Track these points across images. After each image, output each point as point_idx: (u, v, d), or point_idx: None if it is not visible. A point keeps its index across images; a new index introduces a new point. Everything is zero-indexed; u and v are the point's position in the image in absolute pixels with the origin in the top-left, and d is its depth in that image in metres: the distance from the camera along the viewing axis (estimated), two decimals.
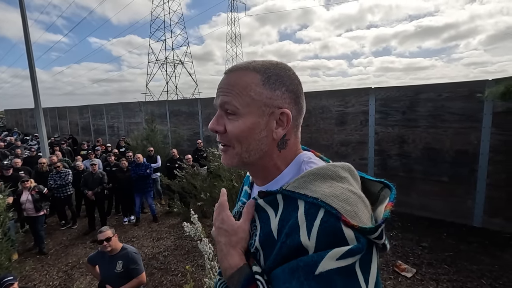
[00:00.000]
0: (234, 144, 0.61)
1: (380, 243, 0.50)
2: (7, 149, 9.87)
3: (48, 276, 4.04)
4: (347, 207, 0.49)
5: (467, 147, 4.41)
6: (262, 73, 0.60)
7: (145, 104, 11.02)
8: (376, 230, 0.48)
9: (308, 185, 0.54)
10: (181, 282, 3.69)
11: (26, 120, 23.40)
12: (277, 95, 0.60)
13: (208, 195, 4.76)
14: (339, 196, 0.50)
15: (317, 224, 0.48)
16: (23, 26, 7.55)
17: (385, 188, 0.60)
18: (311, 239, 0.47)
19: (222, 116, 0.62)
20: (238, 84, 0.60)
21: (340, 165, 0.58)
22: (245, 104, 0.59)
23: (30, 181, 4.78)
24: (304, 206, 0.51)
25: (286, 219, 0.53)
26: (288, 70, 0.63)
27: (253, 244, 0.58)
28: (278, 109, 0.60)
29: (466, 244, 4.04)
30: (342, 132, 5.67)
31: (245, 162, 0.62)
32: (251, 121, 0.59)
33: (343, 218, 0.47)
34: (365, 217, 0.49)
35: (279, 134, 0.60)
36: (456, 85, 4.53)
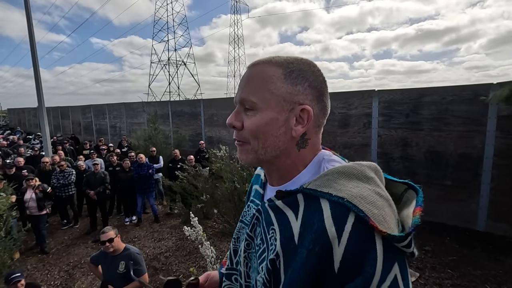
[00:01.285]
0: (250, 140, 0.58)
1: (408, 252, 0.45)
2: (9, 148, 9.92)
3: (49, 276, 4.04)
4: (375, 210, 0.45)
5: (471, 151, 4.38)
6: (285, 67, 0.57)
7: (148, 105, 11.04)
8: (406, 238, 0.43)
9: (332, 184, 0.50)
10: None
11: (29, 119, 23.52)
12: (298, 90, 0.56)
13: (209, 196, 4.75)
14: (366, 198, 0.47)
15: (348, 229, 0.44)
16: (28, 27, 7.59)
17: (409, 189, 0.56)
18: (341, 246, 0.44)
19: (240, 112, 0.60)
20: (258, 78, 0.57)
21: (367, 164, 0.54)
22: (263, 99, 0.56)
23: (35, 180, 4.79)
24: (330, 208, 0.48)
25: (309, 221, 0.50)
26: (313, 66, 0.60)
27: (274, 249, 0.54)
28: (299, 105, 0.56)
29: (469, 248, 4.01)
30: (345, 134, 5.66)
31: (260, 159, 0.59)
32: (270, 117, 0.56)
33: (370, 223, 0.43)
34: (392, 222, 0.46)
35: (298, 131, 0.57)
36: (460, 88, 4.51)
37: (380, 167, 0.58)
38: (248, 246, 0.65)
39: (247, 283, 0.65)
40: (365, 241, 0.43)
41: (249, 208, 0.70)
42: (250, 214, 0.68)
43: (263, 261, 0.57)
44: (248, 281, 0.65)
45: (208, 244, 2.27)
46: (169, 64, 43.56)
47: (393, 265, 0.43)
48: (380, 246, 0.43)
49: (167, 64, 43.57)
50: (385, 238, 0.43)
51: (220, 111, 8.12)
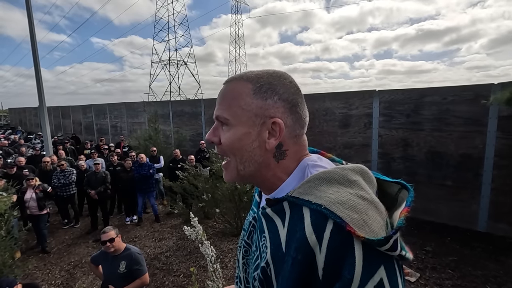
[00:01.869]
0: (230, 155, 0.60)
1: (395, 255, 0.44)
2: (11, 148, 9.94)
3: (50, 275, 4.05)
4: (354, 215, 0.45)
5: (472, 151, 4.38)
6: (254, 82, 0.58)
7: (148, 104, 11.06)
8: (387, 241, 0.43)
9: (313, 191, 0.51)
10: (183, 283, 3.68)
11: (29, 119, 23.55)
12: (268, 104, 0.57)
13: (210, 196, 4.76)
14: (346, 203, 0.47)
15: (327, 236, 0.45)
16: (29, 27, 7.61)
17: (402, 189, 0.56)
18: (321, 253, 0.45)
19: (218, 127, 0.62)
20: (230, 95, 0.59)
21: (350, 168, 0.55)
22: (235, 115, 0.58)
23: (35, 179, 4.80)
24: (310, 216, 0.49)
25: (293, 229, 0.51)
26: (284, 78, 0.60)
27: (265, 257, 0.55)
28: (270, 119, 0.57)
29: (470, 249, 4.01)
30: (345, 134, 5.65)
31: (241, 175, 0.60)
32: (242, 132, 0.58)
33: (347, 228, 0.44)
34: (377, 225, 0.45)
35: (272, 144, 0.57)
36: (461, 88, 4.51)
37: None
38: (246, 253, 0.67)
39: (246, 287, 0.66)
40: (343, 247, 0.44)
41: (249, 216, 0.72)
42: (248, 222, 0.69)
43: (257, 269, 0.58)
44: (247, 286, 0.66)
45: (208, 243, 2.27)
46: (169, 64, 43.58)
47: (378, 269, 0.43)
48: (359, 251, 0.43)
49: (167, 64, 43.59)
50: (365, 243, 0.43)
51: None
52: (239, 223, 4.70)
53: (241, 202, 4.55)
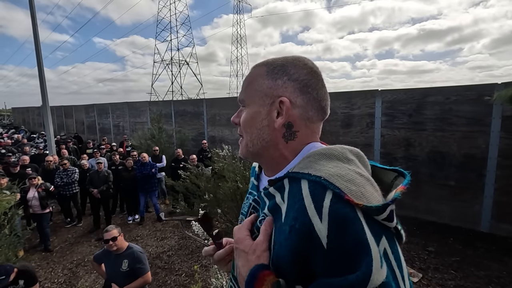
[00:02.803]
0: (243, 133, 0.65)
1: (392, 226, 0.46)
2: (14, 147, 10.00)
3: (53, 273, 4.07)
4: (352, 187, 0.46)
5: (475, 151, 4.35)
6: (269, 65, 0.62)
7: (151, 104, 11.08)
8: (384, 209, 0.44)
9: (313, 165, 0.53)
10: (185, 282, 3.69)
11: (33, 118, 23.67)
12: (277, 84, 0.60)
13: (212, 195, 4.75)
14: (344, 176, 0.48)
15: (327, 205, 0.45)
16: (32, 27, 7.64)
17: (399, 177, 0.57)
18: (323, 221, 0.44)
19: (241, 110, 0.67)
20: (248, 79, 0.65)
21: (349, 148, 0.57)
22: (249, 96, 0.63)
23: (38, 178, 4.83)
24: (308, 186, 0.49)
25: (292, 201, 0.51)
26: (299, 61, 0.62)
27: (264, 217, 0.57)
28: (278, 98, 0.59)
29: (473, 249, 3.99)
30: (347, 134, 5.64)
31: (250, 152, 0.64)
32: (253, 110, 0.62)
33: (346, 197, 0.44)
34: (374, 199, 0.46)
35: (278, 123, 0.60)
36: (464, 88, 4.48)
37: None
38: None
39: None
40: (347, 214, 0.44)
41: (247, 200, 0.73)
42: (247, 205, 0.70)
43: None
44: None
45: None
46: (172, 63, 43.66)
47: (381, 238, 0.44)
48: (362, 218, 0.44)
49: (170, 63, 43.66)
50: (364, 212, 0.44)
51: (222, 111, 8.13)
52: None
53: (243, 201, 4.54)
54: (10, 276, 2.68)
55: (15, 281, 2.78)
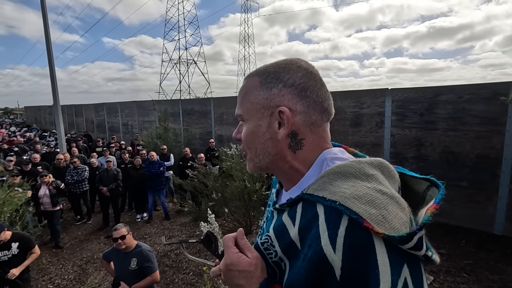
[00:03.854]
0: (247, 150, 0.61)
1: (420, 255, 0.41)
2: (26, 145, 10.22)
3: (63, 270, 4.13)
4: (372, 210, 0.42)
5: (489, 151, 4.23)
6: (261, 74, 0.59)
7: (159, 103, 11.17)
8: (410, 239, 0.39)
9: (327, 186, 0.48)
10: (193, 281, 3.70)
11: (44, 117, 24.16)
12: (273, 93, 0.56)
13: (219, 195, 4.76)
14: (362, 198, 0.44)
15: (342, 234, 0.42)
16: (44, 28, 7.78)
17: (432, 186, 0.51)
18: (337, 252, 0.42)
19: (241, 125, 0.63)
20: (242, 92, 0.61)
21: (368, 161, 0.51)
22: (246, 110, 0.59)
23: (49, 176, 4.91)
24: (324, 212, 0.46)
25: (308, 227, 0.48)
26: (291, 64, 0.58)
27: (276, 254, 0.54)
28: (277, 108, 0.56)
29: (486, 252, 3.89)
30: (356, 133, 5.57)
31: (258, 167, 0.61)
32: (253, 125, 0.58)
33: (365, 224, 0.40)
34: (398, 221, 0.41)
35: (282, 134, 0.56)
36: (478, 86, 4.36)
37: None
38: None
39: None
40: (363, 245, 0.41)
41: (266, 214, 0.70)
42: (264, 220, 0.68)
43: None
44: None
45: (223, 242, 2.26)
46: (179, 62, 43.94)
47: (402, 268, 0.40)
48: (382, 248, 0.40)
49: (177, 62, 43.96)
50: (386, 240, 0.40)
51: (230, 110, 8.13)
52: (249, 221, 4.69)
53: (250, 201, 4.53)
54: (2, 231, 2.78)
55: (8, 245, 2.87)
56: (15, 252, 2.91)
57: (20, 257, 2.96)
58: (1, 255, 2.84)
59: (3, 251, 2.85)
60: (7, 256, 2.86)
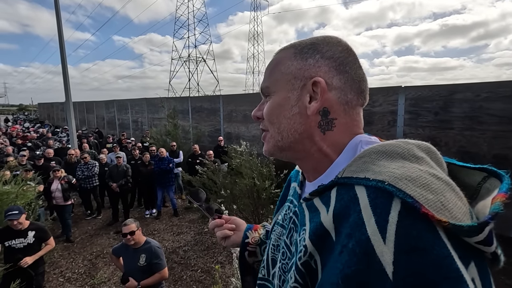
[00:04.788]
0: (268, 127, 0.55)
1: (489, 252, 0.33)
2: (39, 140, 10.43)
3: (74, 264, 4.19)
4: (429, 195, 0.34)
5: (508, 152, 4.08)
6: (297, 46, 0.54)
7: (168, 100, 11.22)
8: (481, 229, 0.32)
9: (370, 166, 0.41)
10: (201, 278, 3.69)
11: (57, 113, 24.63)
12: (309, 64, 0.51)
13: (228, 191, 4.74)
14: (417, 180, 0.36)
15: (394, 219, 0.34)
16: (57, 27, 7.89)
17: (490, 178, 0.41)
18: (388, 242, 0.33)
19: (263, 102, 0.58)
20: (272, 63, 0.56)
21: (415, 143, 0.43)
22: (274, 81, 0.54)
23: (61, 171, 4.98)
24: (367, 194, 0.38)
25: (343, 213, 0.40)
26: (331, 38, 0.53)
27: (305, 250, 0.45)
28: (310, 79, 0.50)
29: (503, 257, 3.75)
30: (368, 132, 5.43)
31: (279, 146, 0.54)
32: (281, 97, 0.53)
33: (423, 210, 0.33)
34: (459, 211, 0.34)
35: (313, 108, 0.50)
36: (496, 84, 4.20)
37: None
38: (283, 256, 0.57)
39: None
40: (421, 235, 0.32)
41: (289, 211, 0.62)
42: (288, 218, 0.60)
43: (291, 268, 0.49)
44: None
45: None
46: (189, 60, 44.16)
47: (469, 266, 0.32)
48: (446, 239, 0.32)
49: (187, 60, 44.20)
50: (448, 231, 0.32)
51: (239, 107, 8.09)
52: (257, 219, 4.65)
53: (259, 199, 4.49)
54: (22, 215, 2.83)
55: (25, 232, 2.91)
56: (31, 241, 2.95)
57: (35, 246, 3.00)
58: (18, 242, 2.87)
59: (19, 238, 2.89)
60: (23, 244, 2.90)
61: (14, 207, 2.94)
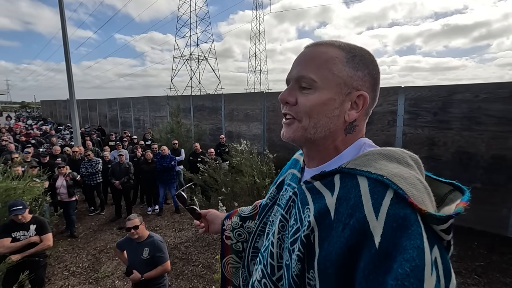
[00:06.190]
0: (302, 117, 0.59)
1: (447, 239, 0.45)
2: (42, 138, 10.54)
3: (78, 258, 4.28)
4: (415, 191, 0.45)
5: (505, 152, 4.13)
6: (347, 51, 0.59)
7: (170, 99, 11.31)
8: (447, 221, 0.43)
9: (372, 163, 0.51)
10: (202, 273, 3.77)
11: (59, 111, 24.76)
12: (358, 76, 0.58)
13: (229, 189, 4.81)
14: (407, 179, 0.47)
15: (386, 203, 0.44)
16: (61, 25, 7.96)
17: (454, 191, 0.53)
18: (379, 220, 0.43)
19: (294, 88, 0.60)
20: (321, 57, 0.58)
21: (408, 153, 0.54)
22: (324, 78, 0.57)
23: (66, 167, 5.08)
24: (368, 184, 0.48)
25: (346, 197, 0.50)
26: (372, 56, 0.61)
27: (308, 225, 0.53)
28: (356, 91, 0.58)
29: (499, 255, 3.81)
30: (367, 132, 5.41)
31: (307, 138, 0.60)
32: (327, 97, 0.57)
33: (410, 200, 0.43)
34: (431, 209, 0.45)
35: (352, 116, 0.58)
36: (495, 85, 4.25)
37: None
38: (282, 228, 0.65)
39: (279, 263, 0.65)
40: (407, 216, 0.43)
41: (286, 192, 0.72)
42: (286, 197, 0.69)
43: (296, 240, 0.57)
44: (280, 261, 0.65)
45: None
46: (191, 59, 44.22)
47: (433, 247, 0.42)
48: (421, 223, 0.43)
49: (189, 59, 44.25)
50: (424, 217, 0.43)
51: (240, 106, 8.16)
52: None
53: (259, 196, 4.57)
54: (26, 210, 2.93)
55: (27, 226, 2.99)
56: (33, 234, 3.03)
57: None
58: (21, 235, 2.96)
59: (23, 231, 2.98)
60: (25, 237, 2.97)
61: (18, 202, 3.02)
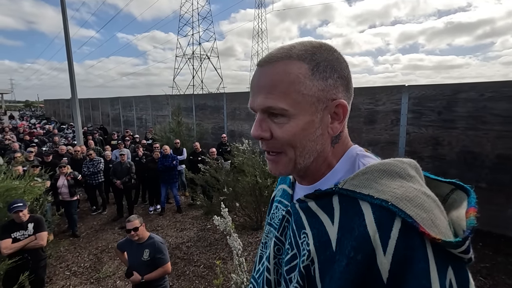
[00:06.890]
0: (286, 150, 0.52)
1: (467, 258, 0.40)
2: (45, 137, 10.58)
3: (80, 258, 4.28)
4: (423, 214, 0.40)
5: (511, 152, 4.06)
6: (309, 60, 0.49)
7: (172, 98, 11.29)
8: (463, 243, 0.39)
9: (373, 184, 0.45)
10: (203, 273, 3.75)
11: (62, 110, 24.87)
12: (329, 84, 0.50)
13: (231, 189, 4.79)
14: (413, 200, 0.42)
15: (395, 236, 0.40)
16: (63, 24, 7.96)
17: (456, 190, 0.49)
18: (387, 255, 0.40)
19: (264, 119, 0.52)
20: (283, 81, 0.49)
21: (407, 162, 0.49)
22: (295, 104, 0.49)
23: (67, 167, 5.08)
24: (372, 212, 0.43)
25: (348, 226, 0.45)
26: (334, 51, 0.52)
27: (308, 255, 0.49)
28: (332, 101, 0.51)
29: (504, 256, 3.75)
30: (371, 131, 5.46)
31: (299, 169, 0.53)
32: (305, 121, 0.50)
33: (421, 229, 0.39)
34: (443, 225, 0.41)
35: (336, 129, 0.52)
36: (500, 84, 4.18)
37: None
38: (278, 251, 0.60)
39: None
40: (415, 248, 0.39)
41: (277, 210, 0.65)
42: (279, 216, 0.62)
43: (293, 269, 0.52)
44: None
45: (236, 236, 2.27)
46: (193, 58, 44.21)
47: (447, 270, 0.39)
48: (431, 253, 0.39)
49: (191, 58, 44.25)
50: (437, 244, 0.39)
51: (242, 105, 8.12)
52: (259, 217, 4.70)
53: (261, 196, 4.54)
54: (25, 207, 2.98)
55: (26, 225, 3.01)
56: (31, 233, 3.04)
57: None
58: (20, 234, 2.96)
59: (22, 230, 2.98)
60: (24, 236, 2.98)
61: (18, 200, 3.04)
